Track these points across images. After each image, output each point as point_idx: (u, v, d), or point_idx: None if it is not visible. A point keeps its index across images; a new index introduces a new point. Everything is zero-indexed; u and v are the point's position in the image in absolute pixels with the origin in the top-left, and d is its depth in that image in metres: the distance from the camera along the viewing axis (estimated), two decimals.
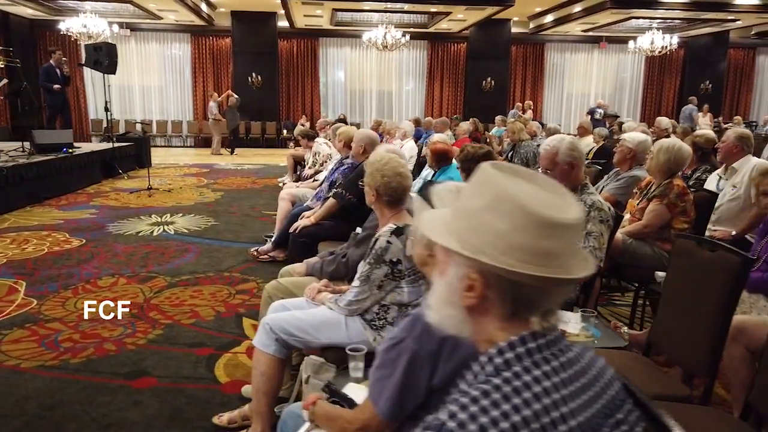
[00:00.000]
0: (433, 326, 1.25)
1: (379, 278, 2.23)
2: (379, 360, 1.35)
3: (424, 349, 1.27)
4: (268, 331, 2.33)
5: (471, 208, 0.88)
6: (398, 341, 1.31)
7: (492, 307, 0.88)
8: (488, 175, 0.88)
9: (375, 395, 1.33)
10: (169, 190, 9.08)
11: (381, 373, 1.33)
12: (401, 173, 2.33)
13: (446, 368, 1.26)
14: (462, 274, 0.88)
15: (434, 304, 0.96)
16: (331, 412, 1.53)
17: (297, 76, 17.87)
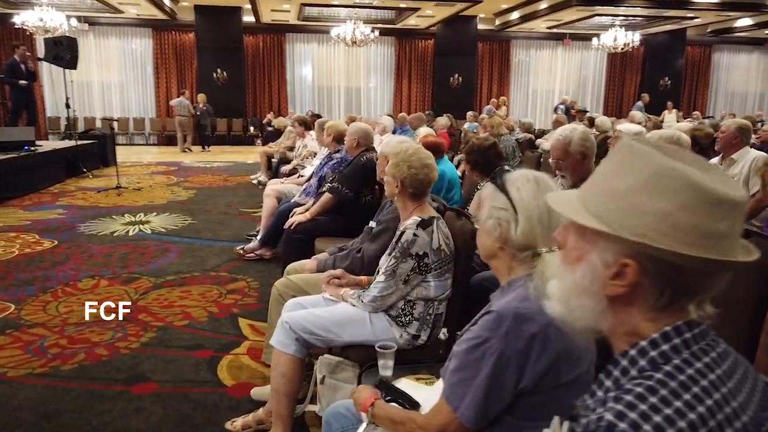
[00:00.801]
0: (520, 324, 1.19)
1: (405, 273, 2.15)
2: (459, 361, 1.26)
3: (511, 349, 1.19)
4: (288, 331, 2.23)
5: (620, 188, 0.81)
6: (482, 341, 1.22)
7: (642, 295, 0.81)
8: (641, 152, 0.81)
9: (454, 399, 1.25)
10: (138, 188, 8.78)
11: (462, 375, 1.24)
12: (428, 165, 2.25)
13: (536, 368, 1.19)
14: (611, 261, 0.81)
15: (561, 296, 0.89)
16: (396, 414, 1.44)
17: (263, 72, 17.58)
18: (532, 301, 1.22)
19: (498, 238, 1.35)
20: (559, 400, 1.21)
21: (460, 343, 1.29)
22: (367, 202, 4.01)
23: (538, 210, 1.31)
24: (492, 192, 1.39)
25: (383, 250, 2.53)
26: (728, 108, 19.50)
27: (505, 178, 1.37)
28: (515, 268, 1.35)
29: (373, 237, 2.60)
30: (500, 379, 1.20)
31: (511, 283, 1.34)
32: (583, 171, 2.84)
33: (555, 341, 1.19)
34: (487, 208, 1.39)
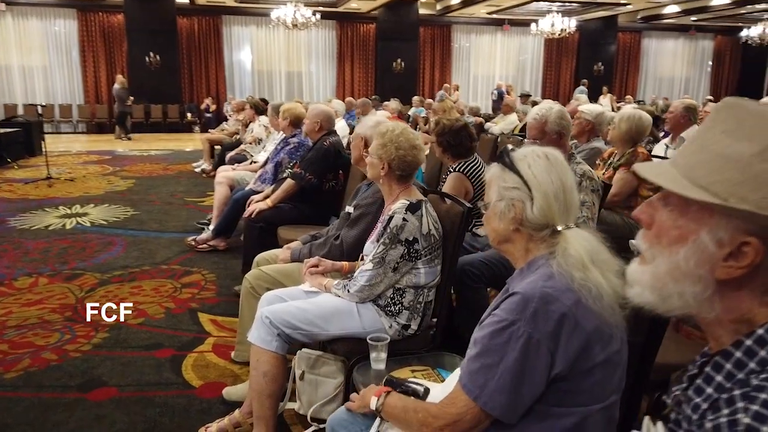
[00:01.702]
0: (548, 305, 1.10)
1: (394, 260, 2.03)
2: (481, 347, 1.16)
3: (540, 331, 1.10)
4: (268, 326, 2.07)
5: (733, 156, 0.71)
6: (507, 324, 1.12)
7: (759, 278, 0.72)
8: (757, 114, 0.72)
9: (473, 387, 1.15)
10: (71, 179, 8.25)
11: (484, 361, 1.14)
12: (416, 146, 2.13)
13: (568, 352, 1.10)
14: (725, 239, 0.72)
15: (652, 282, 0.79)
16: (409, 402, 1.33)
17: (200, 57, 16.91)
18: (558, 280, 1.14)
19: (513, 219, 1.25)
20: (593, 383, 1.14)
21: (482, 329, 1.19)
22: (330, 188, 3.85)
23: (553, 186, 1.24)
24: (499, 172, 1.29)
25: (363, 235, 2.41)
26: (657, 92, 20.38)
27: (513, 156, 1.28)
28: (532, 249, 1.26)
29: (352, 222, 2.46)
30: (530, 364, 1.11)
31: (530, 264, 1.25)
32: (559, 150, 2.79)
33: (585, 320, 1.11)
34: (495, 190, 1.29)
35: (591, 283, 1.12)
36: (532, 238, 1.26)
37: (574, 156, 2.83)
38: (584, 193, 2.68)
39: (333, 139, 3.88)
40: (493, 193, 1.30)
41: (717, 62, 21.53)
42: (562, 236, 1.22)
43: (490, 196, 1.31)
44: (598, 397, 1.14)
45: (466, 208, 2.12)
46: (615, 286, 1.13)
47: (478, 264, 2.57)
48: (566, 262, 1.17)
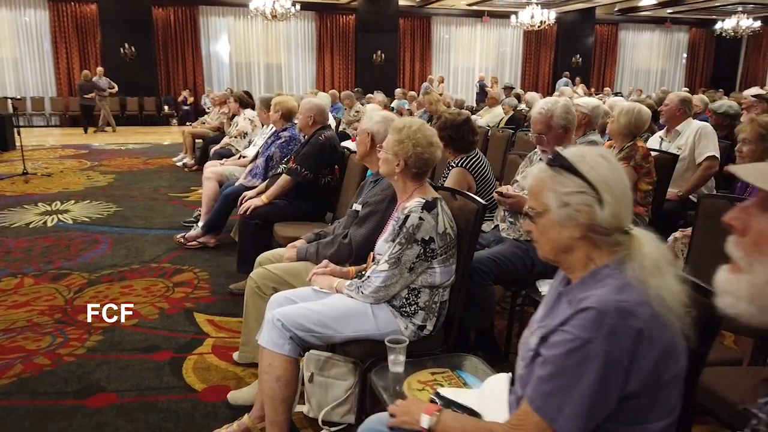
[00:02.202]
0: (625, 320, 1.04)
1: (410, 260, 1.98)
2: (553, 367, 1.09)
3: (617, 349, 1.04)
4: (280, 329, 2.01)
5: None
6: (582, 343, 1.06)
7: None
8: None
9: (549, 410, 1.09)
10: (48, 174, 8.02)
11: (559, 383, 1.08)
12: (434, 143, 2.07)
13: (643, 369, 1.05)
14: None
15: (753, 291, 0.75)
16: (469, 424, 1.25)
17: (176, 48, 16.57)
18: (632, 291, 1.09)
19: (580, 226, 1.17)
20: (661, 399, 1.10)
21: (551, 347, 1.12)
22: (326, 184, 3.79)
23: (620, 185, 1.18)
24: (554, 176, 1.20)
25: (373, 234, 2.36)
26: (634, 84, 20.59)
27: (570, 158, 1.19)
28: (595, 257, 1.19)
29: (360, 221, 2.40)
30: (607, 384, 1.05)
31: (593, 274, 1.18)
32: (565, 144, 2.76)
33: (659, 335, 1.06)
34: (551, 196, 1.20)
35: (664, 290, 1.08)
36: (596, 245, 1.19)
37: None
38: None
39: (328, 134, 3.81)
40: (548, 200, 1.20)
41: (691, 54, 21.83)
42: (633, 238, 1.16)
43: (544, 203, 1.21)
44: (664, 413, 1.10)
45: (481, 205, 2.09)
46: (681, 293, 1.09)
47: (486, 261, 2.54)
48: (641, 266, 1.12)
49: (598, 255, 1.19)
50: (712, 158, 3.81)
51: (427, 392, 1.76)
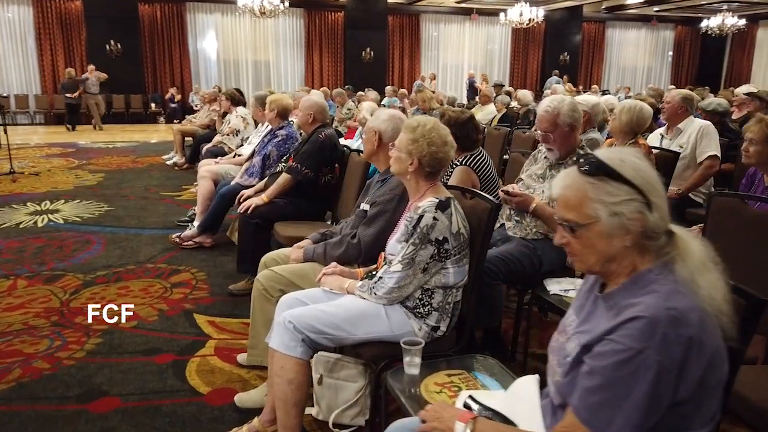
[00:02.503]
0: (676, 328, 1.01)
1: (424, 260, 1.96)
2: (603, 378, 1.06)
3: (669, 359, 1.01)
4: (292, 331, 1.97)
5: None
6: (634, 354, 1.02)
7: None
8: None
9: (599, 422, 1.05)
10: (36, 173, 7.89)
11: (609, 394, 1.05)
12: (449, 142, 2.04)
13: (692, 377, 1.03)
14: None
15: None
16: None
17: (163, 45, 16.38)
18: (681, 296, 1.07)
19: (632, 234, 1.13)
20: (702, 409, 1.07)
21: (599, 357, 1.08)
22: (326, 182, 3.75)
23: (660, 184, 1.15)
24: (598, 185, 1.13)
25: (382, 234, 2.33)
26: (621, 81, 20.75)
27: (609, 163, 1.14)
28: (639, 262, 1.16)
29: (369, 221, 2.37)
30: (659, 395, 1.03)
31: (636, 279, 1.15)
32: (571, 143, 2.75)
33: (709, 341, 1.04)
34: (598, 207, 1.13)
35: (712, 288, 1.06)
36: (643, 250, 1.15)
37: (584, 149, 2.79)
38: None
39: (328, 132, 3.77)
40: (595, 212, 1.13)
41: (677, 52, 22.02)
42: (677, 238, 1.14)
43: (589, 215, 1.14)
44: (706, 419, 1.08)
45: (495, 205, 2.07)
46: (726, 290, 1.08)
47: (495, 260, 2.52)
48: (690, 265, 1.10)
49: (641, 260, 1.16)
50: (713, 157, 3.82)
51: (445, 394, 1.74)
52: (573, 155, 2.75)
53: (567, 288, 2.51)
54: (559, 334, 1.30)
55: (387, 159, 2.47)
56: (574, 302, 1.35)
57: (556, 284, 2.54)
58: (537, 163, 2.94)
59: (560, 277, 2.63)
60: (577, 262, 1.22)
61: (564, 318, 1.34)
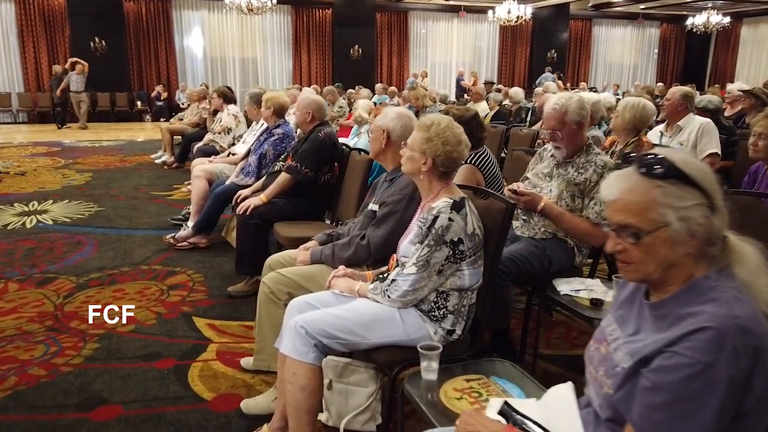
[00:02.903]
0: (744, 338, 0.97)
1: (439, 262, 1.91)
2: (669, 394, 1.00)
3: (740, 371, 0.96)
4: (304, 336, 1.92)
5: None
6: (704, 368, 0.97)
7: None
8: None
9: None
10: (22, 173, 7.73)
11: (677, 410, 0.99)
12: (463, 141, 2.00)
13: (757, 387, 0.98)
14: None
15: None
16: None
17: (149, 42, 16.14)
18: (744, 303, 1.02)
19: (697, 240, 1.07)
20: (759, 422, 1.02)
21: (663, 371, 1.01)
22: (326, 182, 3.68)
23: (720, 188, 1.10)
24: (666, 189, 1.07)
25: (392, 234, 2.28)
26: (608, 79, 20.87)
27: (681, 166, 1.08)
28: (694, 269, 1.11)
29: (379, 221, 2.31)
30: (729, 408, 0.98)
31: (692, 287, 1.09)
32: (578, 141, 2.72)
33: None
34: (663, 213, 1.07)
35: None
36: (700, 257, 1.10)
37: (591, 147, 2.76)
38: None
39: (327, 130, 3.71)
40: (664, 217, 1.07)
41: (663, 49, 22.17)
42: (732, 242, 1.10)
43: (656, 220, 1.07)
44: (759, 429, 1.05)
45: (510, 205, 2.03)
46: None
47: (506, 261, 2.48)
48: (747, 270, 1.06)
49: (697, 266, 1.11)
50: (714, 155, 3.81)
51: (466, 401, 1.70)
52: (579, 153, 2.72)
53: (577, 288, 2.48)
54: (597, 342, 1.26)
55: (395, 158, 2.43)
56: (612, 310, 1.30)
57: (566, 284, 2.51)
58: (543, 162, 2.91)
59: (568, 277, 2.61)
60: (631, 271, 1.15)
61: (603, 326, 1.28)
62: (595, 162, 2.67)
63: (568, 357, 2.89)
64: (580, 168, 2.69)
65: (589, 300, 2.35)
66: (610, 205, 1.15)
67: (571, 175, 2.69)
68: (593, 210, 2.60)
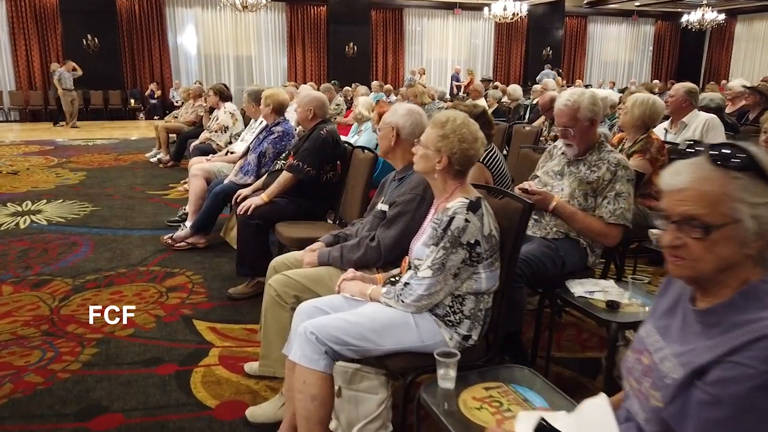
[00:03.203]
0: None
1: (455, 265, 1.83)
2: (733, 408, 0.93)
3: None
4: (314, 342, 1.84)
5: None
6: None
7: None
8: None
9: None
10: (14, 172, 7.61)
11: (741, 426, 0.92)
12: (479, 138, 1.92)
13: None
14: None
15: None
16: None
17: (142, 39, 15.98)
18: None
19: (761, 241, 1.01)
20: None
21: (723, 384, 0.95)
22: (328, 180, 3.60)
23: None
24: (743, 183, 1.00)
25: (403, 236, 2.20)
26: (603, 76, 20.87)
27: (756, 158, 1.00)
28: (751, 273, 1.04)
29: (389, 222, 2.23)
30: None
31: (746, 292, 1.02)
32: (591, 138, 2.66)
33: None
34: (736, 208, 1.00)
35: None
36: (759, 260, 1.03)
37: (604, 144, 2.69)
38: (620, 183, 2.56)
39: (329, 128, 3.63)
40: (736, 213, 1.00)
41: (657, 47, 22.17)
42: None
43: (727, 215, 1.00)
44: None
45: (527, 205, 1.95)
46: None
47: (519, 262, 2.40)
48: None
49: (754, 270, 1.03)
50: None
51: (486, 411, 1.62)
52: (591, 151, 2.66)
53: (591, 290, 2.41)
54: (637, 353, 1.18)
55: (405, 156, 2.36)
56: (651, 319, 1.22)
57: (579, 286, 2.44)
58: (553, 160, 2.84)
59: (581, 278, 2.54)
60: (684, 267, 1.06)
61: (642, 336, 1.21)
62: (608, 159, 2.60)
63: (580, 360, 2.83)
64: (592, 166, 2.62)
65: (605, 302, 2.29)
66: (675, 194, 1.06)
67: (583, 174, 2.62)
68: (607, 209, 2.54)
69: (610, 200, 2.55)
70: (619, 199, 2.55)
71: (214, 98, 6.57)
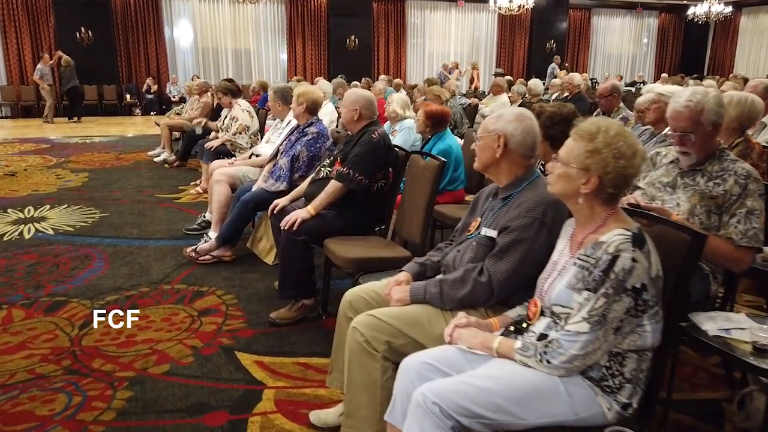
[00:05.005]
0: None
1: (619, 316, 1.45)
2: None
3: None
4: (438, 416, 1.45)
5: None
6: None
7: None
8: None
9: None
10: (12, 173, 7.13)
11: None
12: (639, 152, 1.52)
13: None
14: None
15: None
16: None
17: (137, 32, 15.41)
18: None
19: None
20: None
21: None
22: (379, 190, 3.20)
23: None
24: None
25: (520, 269, 1.81)
26: (607, 69, 20.54)
27: None
28: None
29: (502, 252, 1.83)
30: None
31: None
32: (712, 145, 2.28)
33: None
34: None
35: None
36: None
37: (725, 152, 2.31)
38: (752, 199, 2.18)
39: (381, 131, 3.22)
40: None
41: (661, 39, 21.85)
42: None
43: None
44: None
45: (699, 237, 1.57)
46: None
47: None
48: None
49: None
50: None
51: None
52: (711, 160, 2.28)
53: (726, 327, 2.04)
54: None
55: (512, 170, 1.97)
56: None
57: (710, 322, 2.06)
58: (659, 169, 2.46)
59: (705, 310, 2.16)
60: None
61: None
62: (735, 170, 2.22)
63: (694, 402, 2.46)
64: (714, 178, 2.24)
65: (752, 344, 1.91)
66: None
67: (704, 187, 2.25)
68: (737, 230, 2.16)
69: (740, 219, 2.17)
70: (752, 217, 2.17)
71: (225, 99, 6.05)
